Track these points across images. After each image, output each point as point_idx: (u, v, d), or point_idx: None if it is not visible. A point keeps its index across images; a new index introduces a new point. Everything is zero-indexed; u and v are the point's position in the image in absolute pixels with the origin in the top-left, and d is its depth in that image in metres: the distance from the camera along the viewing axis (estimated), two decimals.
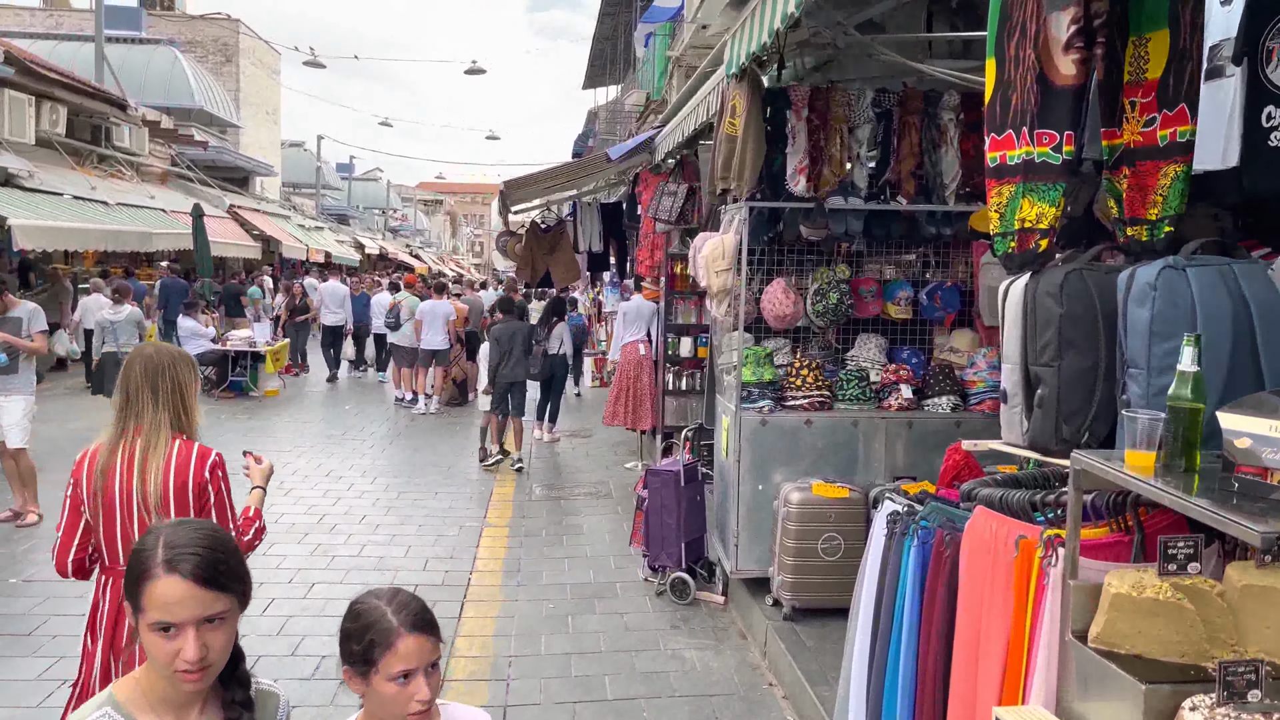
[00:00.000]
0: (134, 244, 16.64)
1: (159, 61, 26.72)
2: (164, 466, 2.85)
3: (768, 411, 5.41)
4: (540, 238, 10.79)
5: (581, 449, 11.25)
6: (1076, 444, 2.27)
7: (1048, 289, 2.32)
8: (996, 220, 2.50)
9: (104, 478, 2.83)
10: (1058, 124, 2.35)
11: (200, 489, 2.89)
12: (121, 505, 2.83)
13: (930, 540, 2.48)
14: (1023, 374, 2.39)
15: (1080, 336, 2.26)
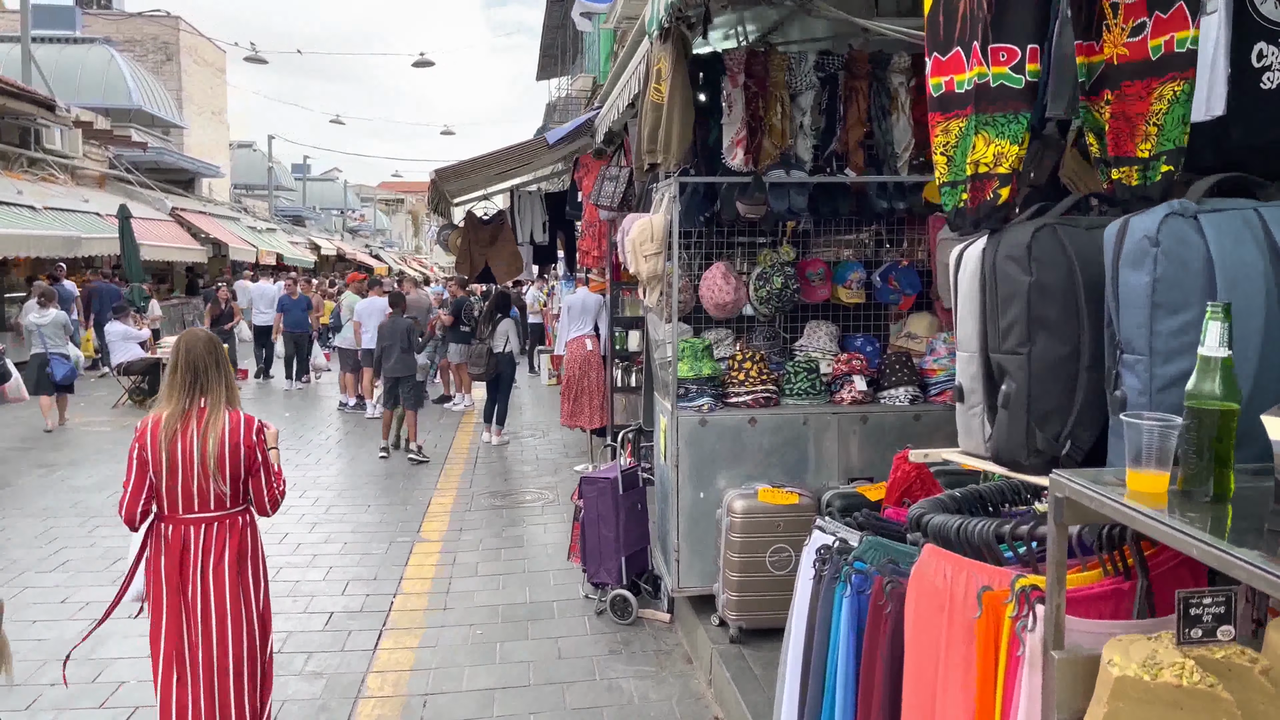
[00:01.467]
0: (59, 249, 15.81)
1: (94, 61, 25.72)
2: (220, 433, 3.40)
3: (708, 410, 4.86)
4: (479, 230, 10.17)
5: (531, 450, 10.66)
6: (1055, 457, 1.73)
7: (1010, 252, 1.76)
8: (943, 166, 1.95)
9: (172, 442, 3.36)
10: (1018, 35, 1.81)
11: (249, 451, 3.46)
12: (184, 465, 3.37)
13: (868, 588, 1.93)
14: (982, 365, 1.84)
15: (1055, 313, 1.70)
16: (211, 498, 3.41)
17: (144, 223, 21.11)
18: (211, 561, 3.42)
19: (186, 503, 3.39)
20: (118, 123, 24.27)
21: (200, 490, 3.39)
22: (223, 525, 3.45)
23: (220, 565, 3.43)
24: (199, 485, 3.38)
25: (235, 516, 3.49)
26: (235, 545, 3.47)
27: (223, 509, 3.45)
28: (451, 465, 9.94)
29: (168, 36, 30.11)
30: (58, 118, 19.50)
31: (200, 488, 3.39)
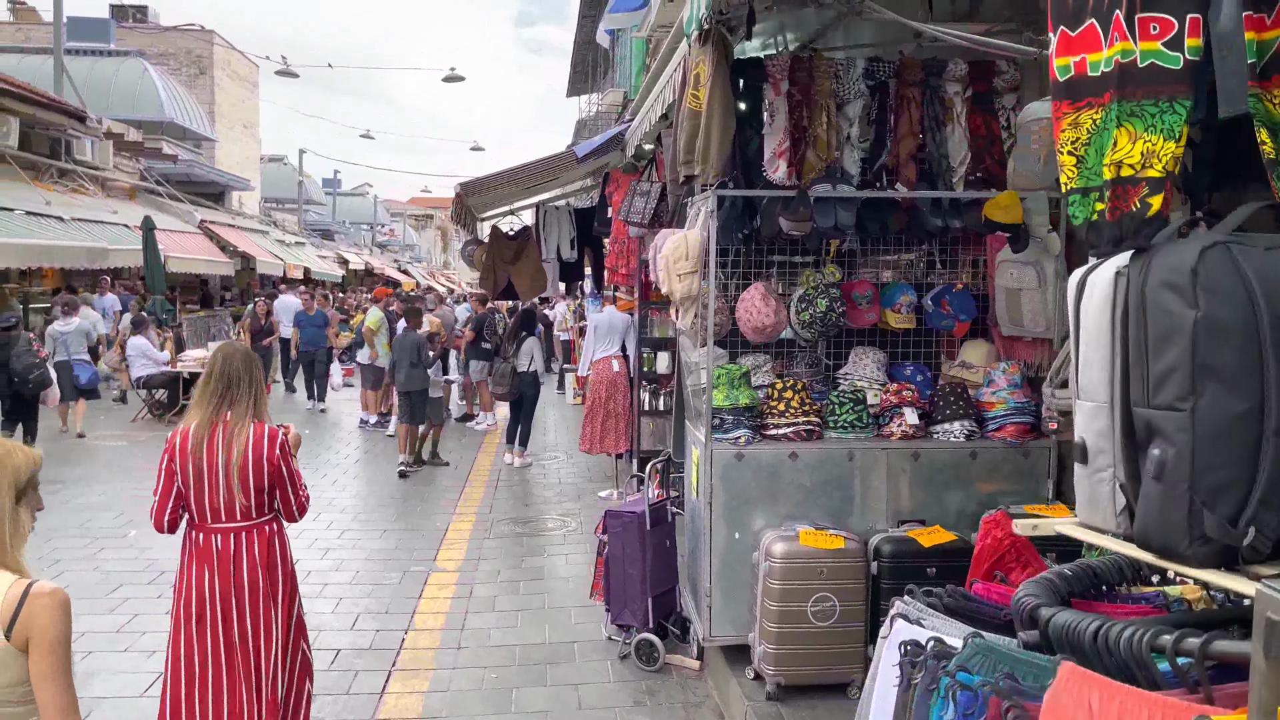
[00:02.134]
0: (84, 260, 15.69)
1: (127, 74, 25.85)
2: (244, 444, 3.42)
3: (744, 443, 4.47)
4: (503, 246, 9.86)
5: (554, 473, 10.30)
6: (1231, 547, 1.34)
7: (1168, 278, 1.36)
8: (1071, 168, 1.57)
9: (198, 452, 3.40)
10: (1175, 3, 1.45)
11: (272, 465, 3.47)
12: (209, 475, 3.40)
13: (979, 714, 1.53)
14: (1119, 420, 1.45)
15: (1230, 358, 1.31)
16: (237, 508, 3.44)
17: (172, 235, 21.07)
18: (244, 570, 3.45)
19: (214, 512, 3.43)
20: (149, 135, 24.33)
21: (226, 500, 3.42)
22: (250, 534, 3.48)
23: (252, 574, 3.46)
24: (224, 496, 3.41)
25: (262, 526, 3.52)
26: (264, 554, 3.50)
27: (249, 519, 3.48)
28: (472, 488, 9.60)
29: (201, 50, 30.29)
30: (88, 129, 19.51)
31: (226, 498, 3.43)
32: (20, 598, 2.03)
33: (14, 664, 2.01)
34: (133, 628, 5.58)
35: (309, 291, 14.92)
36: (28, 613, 2.02)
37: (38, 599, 2.03)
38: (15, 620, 2.01)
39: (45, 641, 2.02)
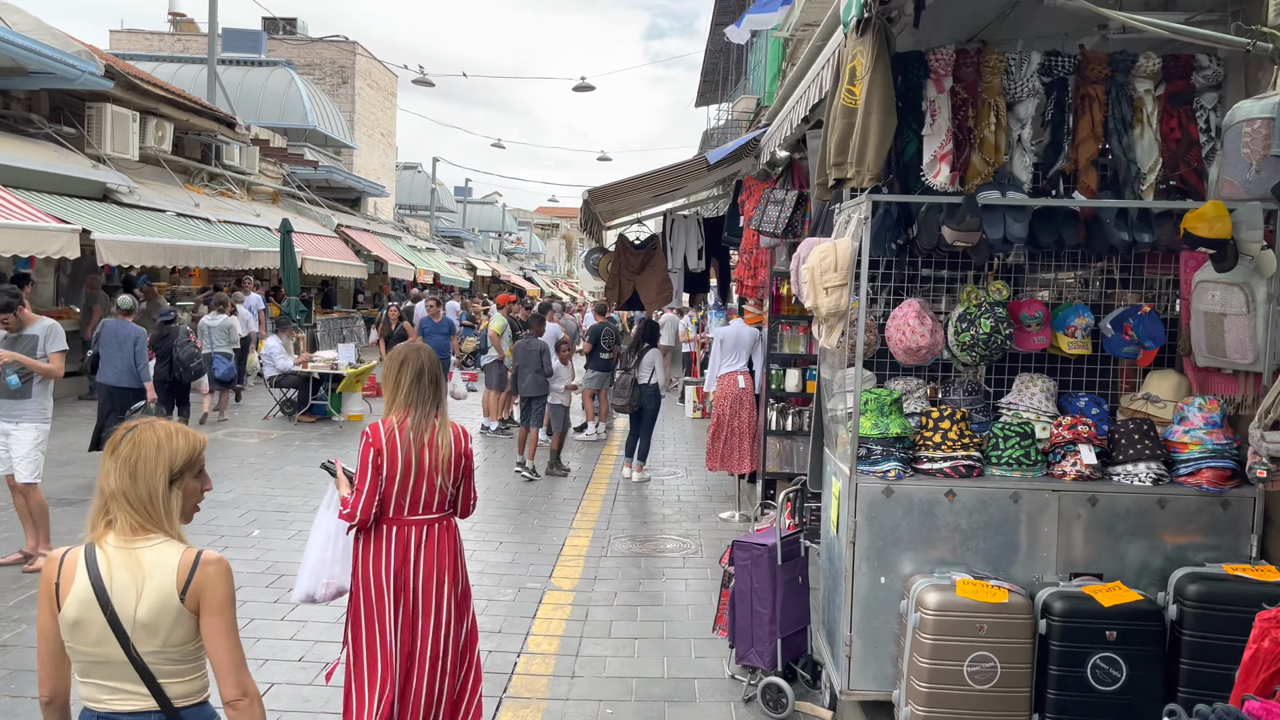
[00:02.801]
0: (227, 261, 16.27)
1: (275, 83, 26.97)
2: (449, 440, 3.63)
3: (894, 477, 4.02)
4: (630, 254, 9.62)
5: (673, 490, 9.97)
6: None
7: None
8: None
9: (416, 447, 3.55)
10: None
11: (467, 459, 3.72)
12: (418, 469, 3.55)
13: None
14: None
15: None
16: (435, 501, 3.60)
17: (309, 238, 21.80)
18: (434, 561, 3.60)
19: (413, 505, 3.58)
20: (293, 142, 25.33)
21: (428, 494, 3.58)
22: (441, 527, 3.65)
23: (441, 564, 3.62)
24: (427, 489, 3.57)
25: (449, 519, 3.70)
26: (452, 546, 3.68)
27: (441, 512, 3.65)
28: (589, 501, 9.36)
29: (344, 61, 31.40)
30: (236, 135, 20.35)
31: (428, 492, 3.59)
32: (192, 565, 2.24)
33: (186, 623, 2.24)
34: (249, 633, 5.51)
35: (435, 297, 14.91)
36: (199, 578, 2.23)
37: (207, 565, 2.24)
38: (189, 585, 2.22)
39: (216, 603, 2.24)
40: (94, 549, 2.24)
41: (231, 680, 2.26)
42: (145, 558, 2.22)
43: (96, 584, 2.19)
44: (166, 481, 2.28)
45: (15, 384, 6.07)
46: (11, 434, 6.17)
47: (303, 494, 8.95)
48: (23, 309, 6.10)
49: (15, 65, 13.19)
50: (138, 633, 2.20)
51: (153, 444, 2.28)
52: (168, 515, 2.27)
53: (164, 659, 2.23)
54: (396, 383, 3.63)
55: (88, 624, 2.19)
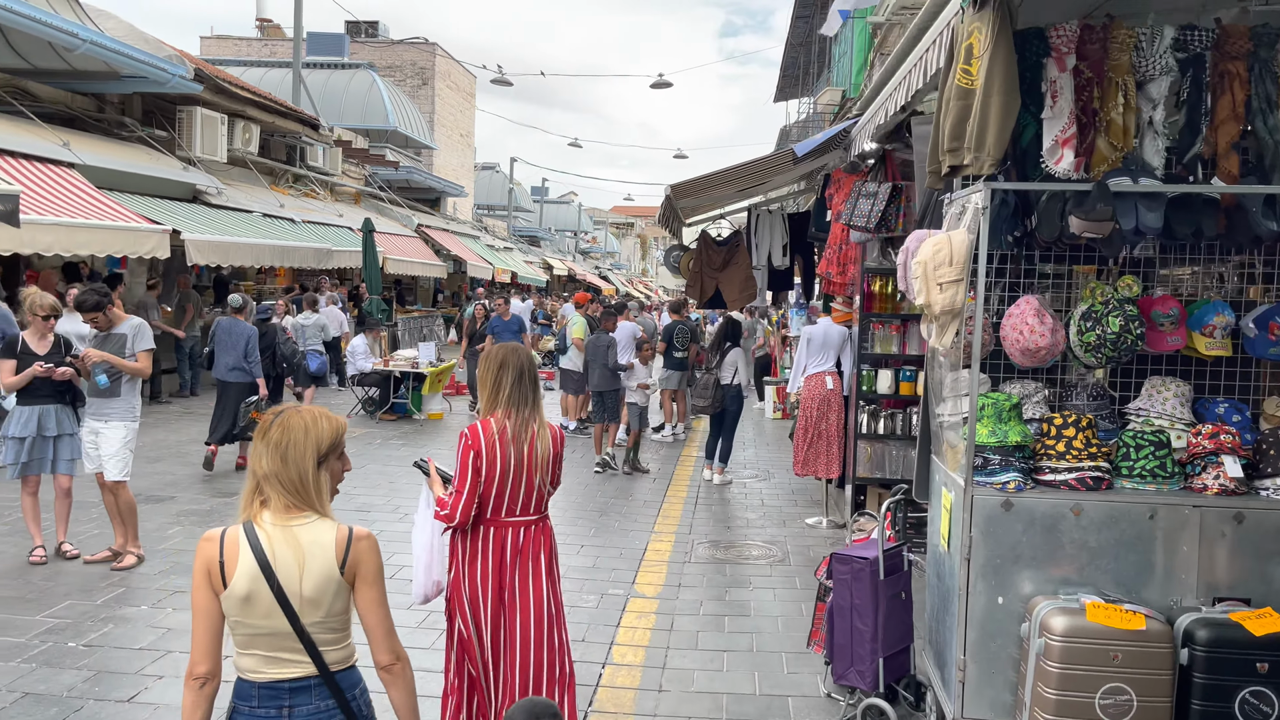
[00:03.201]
0: (310, 260, 16.50)
1: (357, 85, 27.39)
2: (547, 440, 3.63)
3: (1014, 489, 3.71)
4: (712, 251, 9.36)
5: (755, 494, 9.68)
6: None
7: None
8: None
9: (505, 449, 3.51)
10: None
11: (561, 459, 3.73)
12: (518, 470, 3.53)
13: None
14: None
15: None
16: (533, 502, 3.60)
17: (391, 238, 22.05)
18: (530, 562, 3.58)
19: (511, 506, 3.56)
20: (374, 143, 25.68)
21: (525, 495, 3.57)
22: (538, 528, 3.64)
23: (537, 566, 3.60)
24: (525, 490, 3.56)
25: (546, 519, 3.70)
26: (548, 546, 3.67)
27: (538, 512, 3.64)
28: (670, 504, 9.14)
29: (424, 62, 31.75)
30: (320, 136, 20.67)
31: (526, 493, 3.58)
32: (347, 540, 2.37)
33: (344, 594, 2.37)
34: None
35: (503, 296, 14.78)
36: (354, 552, 2.36)
37: (360, 540, 2.38)
38: (346, 559, 2.35)
39: (370, 574, 2.39)
40: (253, 527, 2.35)
41: (385, 646, 2.41)
42: (303, 535, 2.35)
43: (262, 560, 2.31)
44: (314, 463, 2.39)
45: (105, 383, 6.11)
46: (101, 432, 6.21)
47: (384, 493, 8.92)
48: (112, 308, 6.14)
49: (109, 69, 13.51)
50: (303, 605, 2.32)
51: (300, 428, 2.40)
52: (318, 494, 2.39)
53: (324, 628, 2.36)
54: (497, 384, 3.59)
55: (257, 598, 2.30)
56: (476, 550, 3.55)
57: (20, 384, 6.10)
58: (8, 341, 6.25)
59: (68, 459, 6.31)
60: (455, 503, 3.48)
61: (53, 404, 6.21)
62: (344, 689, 2.41)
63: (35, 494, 6.26)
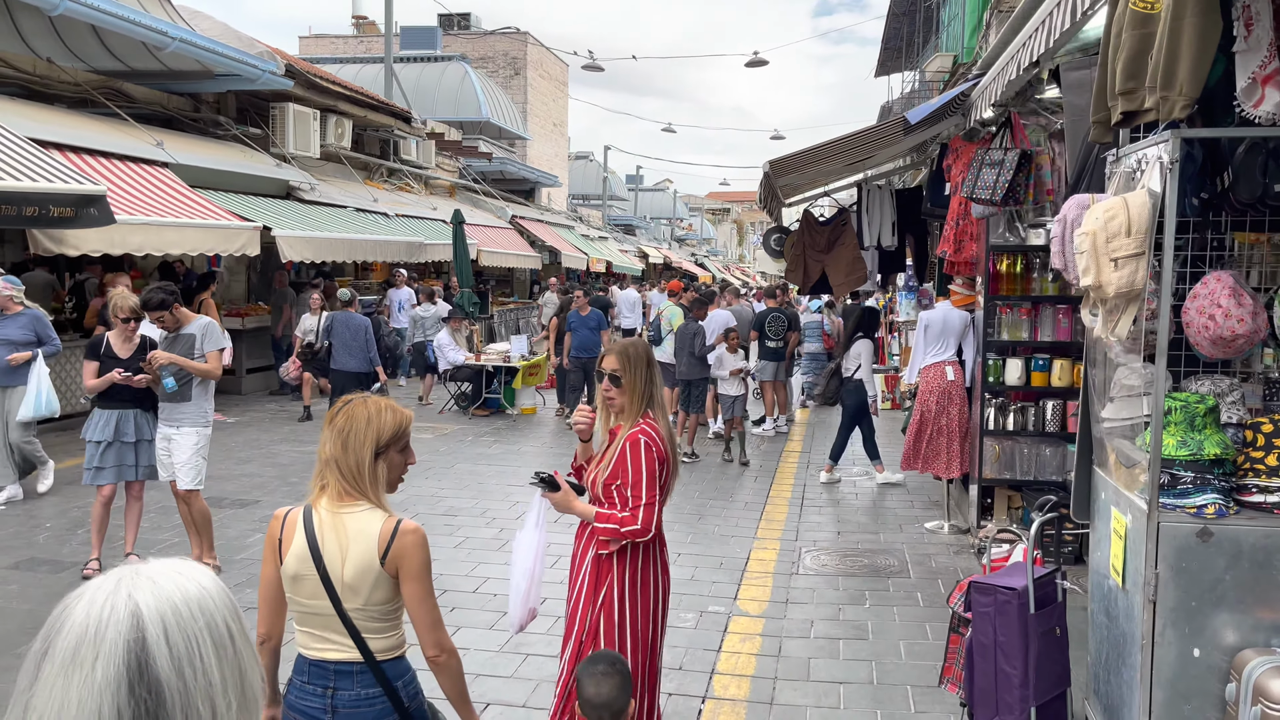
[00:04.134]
0: (403, 254, 16.34)
1: (450, 77, 27.35)
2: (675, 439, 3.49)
3: (1214, 514, 2.97)
4: (815, 232, 8.63)
5: (866, 494, 8.95)
6: None
7: None
8: None
9: (675, 451, 3.38)
10: None
11: None
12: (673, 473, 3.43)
13: None
14: None
15: None
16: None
17: (485, 230, 21.87)
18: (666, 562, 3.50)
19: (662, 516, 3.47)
20: (468, 135, 25.58)
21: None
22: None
23: (669, 567, 3.51)
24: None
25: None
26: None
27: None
28: (773, 506, 8.49)
29: (516, 52, 31.58)
30: (412, 129, 20.58)
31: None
32: (392, 533, 2.38)
33: (385, 585, 2.39)
34: None
35: (582, 288, 14.05)
36: (398, 546, 2.37)
37: (405, 534, 2.39)
38: (389, 551, 2.37)
39: (414, 569, 2.39)
40: (311, 510, 2.43)
41: (430, 639, 2.44)
42: (350, 524, 2.39)
43: (311, 543, 2.38)
44: (373, 453, 2.42)
45: (172, 386, 5.82)
46: (173, 439, 5.93)
47: (472, 495, 8.53)
48: (179, 307, 5.84)
49: (203, 68, 13.54)
50: (344, 591, 2.36)
51: (363, 418, 2.43)
52: (373, 484, 2.42)
53: (366, 616, 2.38)
54: (649, 383, 3.36)
55: (304, 578, 2.38)
56: (651, 562, 3.35)
57: (100, 387, 5.87)
58: (91, 342, 6.03)
59: (146, 464, 6.06)
60: (648, 516, 3.19)
61: (132, 409, 5.97)
62: (390, 678, 2.42)
63: (108, 504, 6.02)
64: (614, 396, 3.31)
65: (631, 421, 3.29)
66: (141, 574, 1.07)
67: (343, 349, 9.86)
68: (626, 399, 3.30)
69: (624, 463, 3.22)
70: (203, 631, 1.05)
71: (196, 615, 1.05)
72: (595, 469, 3.37)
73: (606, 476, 3.28)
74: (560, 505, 3.28)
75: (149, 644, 1.01)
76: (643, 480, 3.19)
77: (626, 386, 3.30)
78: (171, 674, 1.01)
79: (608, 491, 3.29)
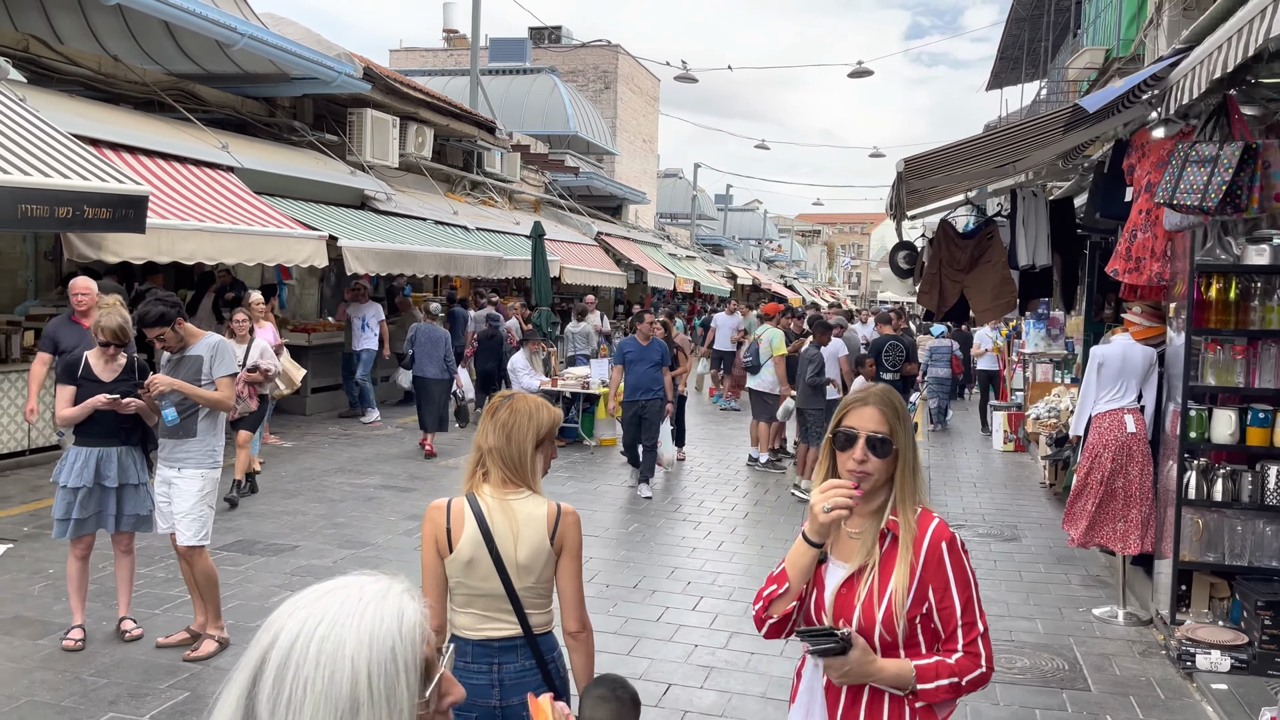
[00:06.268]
0: (481, 269, 15.38)
1: (538, 90, 26.60)
2: None
3: None
4: (955, 247, 7.22)
5: (1007, 560, 7.44)
6: None
7: None
8: None
9: None
10: None
11: None
12: None
13: None
14: None
15: None
16: None
17: (568, 246, 20.89)
18: None
19: None
20: (554, 149, 24.72)
21: None
22: None
23: None
24: None
25: None
26: None
27: None
28: None
29: (607, 65, 30.74)
30: (496, 140, 19.73)
31: None
32: (556, 515, 2.60)
33: (551, 563, 2.60)
34: None
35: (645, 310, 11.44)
36: (562, 526, 2.60)
37: (566, 516, 2.62)
38: (555, 532, 2.59)
39: (573, 547, 2.63)
40: (475, 498, 2.58)
41: (575, 614, 2.62)
42: (519, 509, 2.56)
43: (484, 528, 2.53)
44: (533, 445, 2.60)
45: (174, 419, 4.75)
46: (174, 483, 4.85)
47: None
48: (182, 322, 4.77)
49: (278, 71, 12.84)
50: (517, 571, 2.54)
51: (525, 412, 2.60)
52: (532, 473, 2.61)
53: (533, 593, 2.57)
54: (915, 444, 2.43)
55: (478, 562, 2.53)
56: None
57: (78, 417, 4.84)
58: (66, 363, 5.00)
59: (132, 514, 5.00)
60: (989, 650, 2.13)
61: (115, 445, 4.92)
62: (543, 651, 2.58)
63: (85, 558, 4.97)
64: (872, 469, 2.16)
65: (910, 508, 2.16)
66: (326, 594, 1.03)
67: (424, 357, 10.62)
68: (900, 473, 2.18)
69: (937, 575, 2.11)
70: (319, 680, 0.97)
71: (325, 662, 0.97)
72: (866, 594, 2.13)
73: (909, 604, 2.10)
74: (859, 673, 2.07)
75: (263, 673, 0.98)
76: (973, 597, 2.14)
77: (900, 454, 2.19)
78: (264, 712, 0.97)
79: (911, 627, 2.11)
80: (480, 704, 2.50)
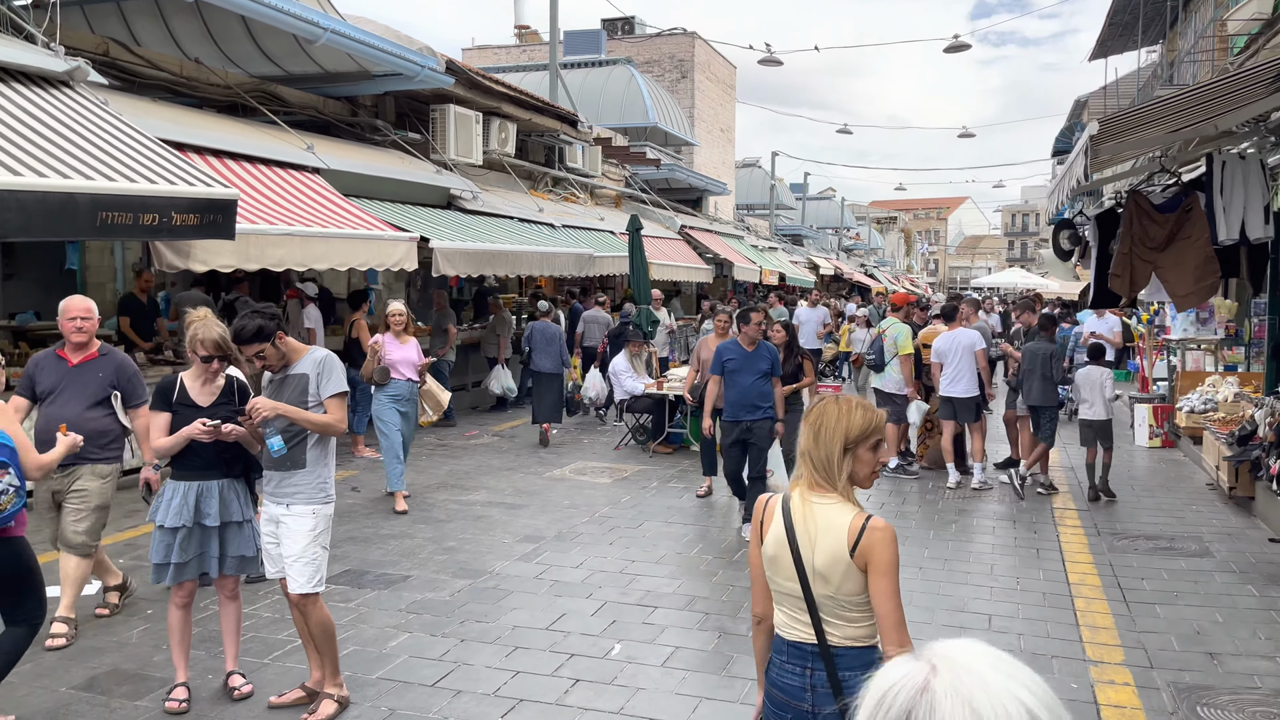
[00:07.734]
0: (571, 268, 14.70)
1: (615, 82, 25.89)
2: None
3: None
4: (1147, 221, 6.24)
5: (1206, 579, 6.43)
6: None
7: None
8: None
9: None
10: None
11: None
12: None
13: None
14: None
15: None
16: None
17: (654, 241, 20.13)
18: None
19: None
20: (634, 141, 23.99)
21: None
22: None
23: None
24: None
25: None
26: None
27: None
28: (1085, 600, 6.14)
29: (683, 54, 29.91)
30: (579, 134, 19.09)
31: None
32: (860, 528, 2.48)
33: (856, 578, 2.49)
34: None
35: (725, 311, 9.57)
36: (866, 540, 2.46)
37: (874, 531, 2.47)
38: (857, 545, 2.46)
39: (881, 565, 2.46)
40: (788, 498, 2.60)
41: (892, 637, 2.45)
42: (821, 514, 2.52)
43: (788, 528, 2.54)
44: (841, 448, 2.52)
45: (280, 448, 4.10)
46: (282, 522, 4.20)
47: (669, 570, 6.57)
48: (283, 336, 4.11)
49: (359, 68, 12.35)
50: (814, 577, 2.49)
51: (834, 414, 2.55)
52: (840, 477, 2.53)
53: (835, 604, 2.49)
54: None
55: (780, 561, 2.55)
56: None
57: (174, 448, 4.23)
58: (160, 387, 4.38)
59: (236, 555, 4.37)
60: None
61: (216, 478, 4.29)
62: (839, 667, 2.48)
63: (187, 606, 4.35)
64: None
65: None
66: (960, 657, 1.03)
67: (540, 353, 11.30)
68: None
69: None
70: None
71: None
72: None
73: None
74: None
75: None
76: None
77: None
78: None
79: None
80: (795, 705, 2.53)
